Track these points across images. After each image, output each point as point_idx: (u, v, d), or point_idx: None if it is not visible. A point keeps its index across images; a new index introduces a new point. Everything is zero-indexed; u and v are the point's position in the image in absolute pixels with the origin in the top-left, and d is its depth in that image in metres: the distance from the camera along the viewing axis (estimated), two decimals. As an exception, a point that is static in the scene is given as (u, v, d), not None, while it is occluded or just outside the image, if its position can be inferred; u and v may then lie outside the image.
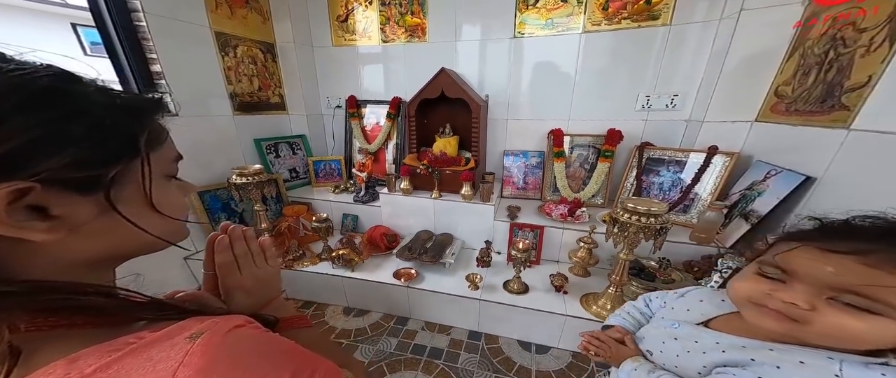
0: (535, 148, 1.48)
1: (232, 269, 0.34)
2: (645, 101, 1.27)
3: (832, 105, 0.77)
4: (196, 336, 0.18)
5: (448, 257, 1.19)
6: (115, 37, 0.95)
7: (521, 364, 1.01)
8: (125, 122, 0.21)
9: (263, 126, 1.49)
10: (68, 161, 0.18)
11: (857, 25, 0.73)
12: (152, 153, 0.23)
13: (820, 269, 0.29)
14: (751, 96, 1.02)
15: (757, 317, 0.32)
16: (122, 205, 0.21)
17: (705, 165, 1.11)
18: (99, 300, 0.20)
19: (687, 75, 1.19)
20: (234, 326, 0.21)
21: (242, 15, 1.31)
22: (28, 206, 0.17)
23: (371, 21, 1.48)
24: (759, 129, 1.03)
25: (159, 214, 0.24)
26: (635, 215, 0.75)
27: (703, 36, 1.13)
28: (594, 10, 1.21)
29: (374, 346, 1.09)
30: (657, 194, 1.23)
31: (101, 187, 0.20)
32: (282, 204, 1.50)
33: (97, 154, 0.19)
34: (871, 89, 0.68)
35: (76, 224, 0.19)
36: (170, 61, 1.07)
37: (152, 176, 0.23)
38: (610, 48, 1.24)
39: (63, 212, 0.19)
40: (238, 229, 0.36)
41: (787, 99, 0.91)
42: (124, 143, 0.21)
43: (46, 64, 0.19)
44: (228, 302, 0.35)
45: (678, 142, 1.27)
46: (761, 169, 0.98)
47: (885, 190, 0.63)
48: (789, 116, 0.91)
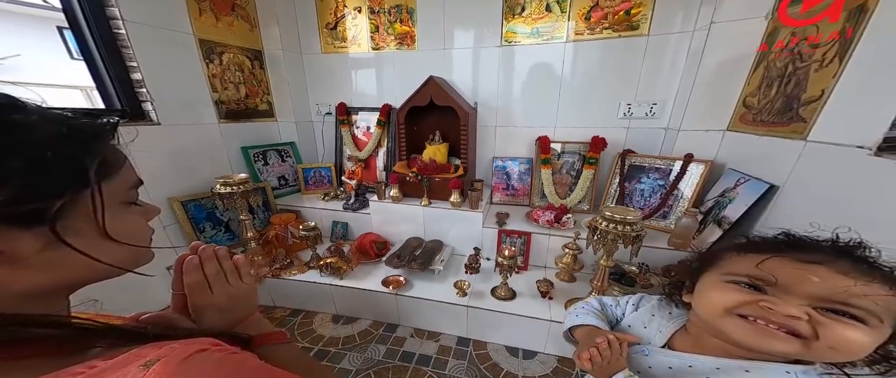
0: (524, 154, 1.51)
1: (202, 288, 0.34)
2: (626, 109, 1.31)
3: (791, 117, 0.82)
4: (151, 363, 0.17)
5: (437, 264, 1.21)
6: (92, 44, 0.93)
7: (508, 370, 1.02)
8: (71, 152, 0.20)
9: (251, 133, 1.48)
10: (5, 197, 0.17)
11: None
12: (105, 182, 0.22)
13: (807, 278, 0.28)
14: (722, 106, 1.07)
15: (758, 338, 0.30)
16: (73, 236, 0.20)
17: (682, 173, 1.16)
18: (47, 331, 0.19)
19: (665, 84, 1.24)
20: (195, 351, 0.20)
21: (228, 22, 1.30)
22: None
23: (361, 28, 1.49)
24: (730, 138, 1.08)
25: (116, 243, 0.23)
26: (613, 223, 0.78)
27: (678, 46, 1.18)
28: (577, 20, 1.25)
29: (362, 353, 1.09)
30: (639, 201, 1.28)
31: (45, 221, 0.19)
32: (270, 212, 1.48)
33: (39, 188, 0.18)
34: (824, 103, 0.73)
35: (18, 258, 0.19)
36: (151, 69, 1.05)
37: (106, 205, 0.22)
38: (593, 57, 1.28)
39: (5, 247, 0.18)
40: (209, 249, 0.35)
41: (754, 109, 0.96)
42: (70, 175, 0.20)
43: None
44: (199, 321, 0.34)
45: (658, 149, 1.32)
46: (732, 177, 1.03)
47: (840, 197, 0.67)
48: (755, 127, 0.96)
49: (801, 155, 0.78)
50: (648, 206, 1.23)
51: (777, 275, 0.30)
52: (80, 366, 0.18)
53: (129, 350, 0.19)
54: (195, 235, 1.23)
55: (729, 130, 1.07)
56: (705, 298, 0.35)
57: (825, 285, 0.27)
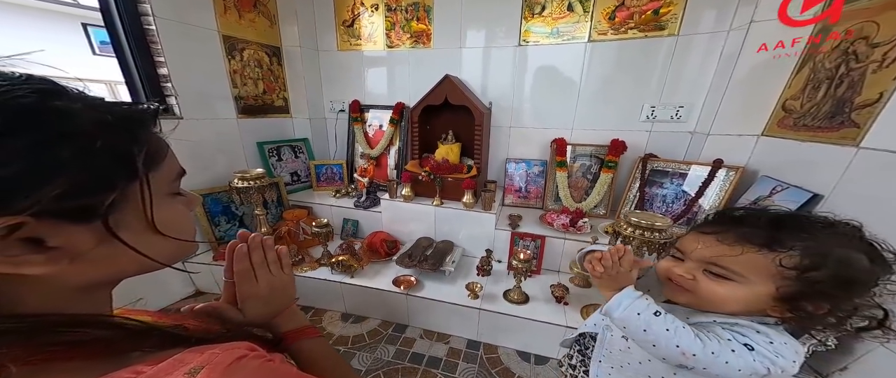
0: (538, 156, 1.47)
1: (249, 276, 0.35)
2: (649, 111, 1.26)
3: (841, 121, 0.76)
4: (195, 371, 0.17)
5: (448, 265, 1.19)
6: (123, 39, 0.96)
7: (519, 375, 1.00)
8: (119, 141, 0.19)
9: (267, 129, 1.50)
10: (59, 191, 0.16)
11: (870, 40, 0.72)
12: (152, 172, 0.21)
13: (693, 246, 0.39)
14: (758, 110, 1.01)
15: (671, 292, 0.41)
16: (124, 230, 0.20)
17: (710, 179, 1.10)
18: (98, 332, 0.19)
19: (693, 87, 1.18)
20: (235, 359, 0.19)
21: (250, 19, 1.32)
22: (22, 239, 0.16)
23: (376, 26, 1.48)
24: (765, 143, 1.01)
25: (163, 236, 0.22)
26: (639, 229, 0.74)
27: (711, 47, 1.12)
28: (600, 20, 1.21)
29: (371, 353, 1.08)
30: (660, 207, 1.22)
31: (97, 216, 0.18)
32: (282, 208, 1.50)
33: (90, 181, 0.18)
34: (883, 106, 0.67)
35: (77, 254, 0.18)
36: (176, 64, 1.08)
37: (154, 197, 0.21)
38: (615, 58, 1.24)
39: (61, 243, 0.17)
40: (257, 238, 0.36)
41: (795, 114, 0.90)
42: (119, 166, 0.19)
43: (26, 75, 0.17)
44: (244, 310, 0.35)
45: (683, 154, 1.26)
46: (767, 184, 0.96)
47: (895, 210, 0.62)
48: (797, 132, 0.89)
49: (851, 163, 0.73)
50: (671, 213, 1.18)
51: (681, 246, 0.40)
52: (125, 370, 0.17)
53: (171, 354, 0.19)
54: (211, 229, 1.25)
55: (764, 135, 1.01)
56: (656, 268, 0.44)
57: (707, 251, 0.37)
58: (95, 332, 0.19)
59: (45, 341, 0.17)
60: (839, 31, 0.79)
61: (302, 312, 0.39)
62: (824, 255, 0.32)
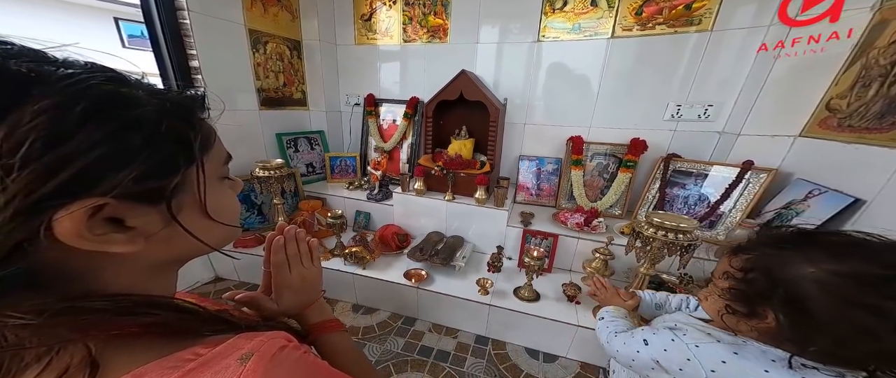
0: (552, 154, 1.44)
1: (283, 268, 0.36)
2: (675, 110, 1.21)
3: (893, 122, 0.71)
4: (246, 358, 0.18)
5: (458, 260, 1.19)
6: (160, 33, 1.01)
7: (527, 372, 0.99)
8: (178, 127, 0.20)
9: (285, 121, 1.54)
10: (135, 174, 0.17)
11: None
12: (205, 157, 0.22)
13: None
14: (797, 109, 0.95)
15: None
16: (181, 214, 0.21)
17: (738, 181, 1.05)
18: (168, 315, 0.20)
19: (724, 85, 1.12)
20: (278, 348, 0.20)
21: (274, 13, 1.35)
22: (106, 219, 0.17)
23: (394, 20, 1.49)
24: (803, 144, 0.95)
25: (212, 221, 0.23)
26: (661, 230, 0.71)
27: (747, 43, 1.05)
28: (626, 15, 1.16)
29: (381, 345, 1.10)
30: (681, 208, 1.17)
31: (163, 198, 0.19)
32: (298, 198, 1.54)
33: (159, 164, 0.18)
34: (942, 107, 0.62)
35: (149, 234, 0.19)
36: (206, 57, 1.12)
37: (206, 180, 0.22)
38: (639, 54, 1.19)
39: (137, 223, 0.19)
40: (292, 230, 0.37)
41: (841, 113, 0.84)
42: (180, 150, 0.20)
43: (91, 63, 0.18)
44: (278, 300, 0.36)
45: (708, 154, 1.20)
46: (802, 187, 0.91)
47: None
48: (841, 132, 0.84)
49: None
50: (693, 215, 1.13)
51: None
52: (187, 352, 0.19)
53: (224, 339, 0.20)
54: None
55: (802, 136, 0.95)
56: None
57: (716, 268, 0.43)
58: (166, 314, 0.20)
59: (126, 320, 0.18)
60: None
61: (328, 306, 0.41)
62: (766, 262, 0.34)
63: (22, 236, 0.15)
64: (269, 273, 0.37)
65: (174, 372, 0.17)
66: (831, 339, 0.30)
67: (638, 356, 0.44)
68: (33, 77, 0.15)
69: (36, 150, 0.14)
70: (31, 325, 0.16)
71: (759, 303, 0.34)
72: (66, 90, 0.15)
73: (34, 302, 0.16)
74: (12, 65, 0.15)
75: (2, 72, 0.15)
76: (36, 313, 0.16)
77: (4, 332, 0.16)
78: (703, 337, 0.39)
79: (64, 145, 0.15)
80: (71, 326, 0.17)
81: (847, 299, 0.29)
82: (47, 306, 0.16)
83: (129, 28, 3.36)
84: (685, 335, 0.40)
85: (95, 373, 0.16)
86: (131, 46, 3.41)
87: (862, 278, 0.29)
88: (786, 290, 0.32)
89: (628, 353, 0.46)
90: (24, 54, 0.16)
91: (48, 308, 0.16)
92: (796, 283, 0.32)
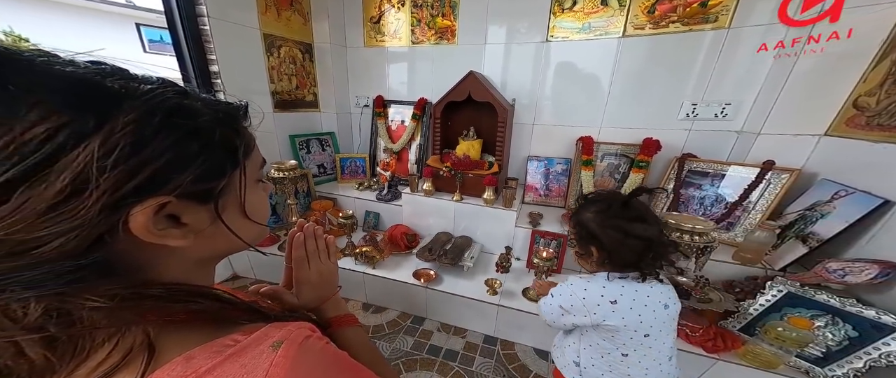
0: (561, 154, 1.43)
1: (303, 263, 0.38)
2: (690, 109, 1.17)
3: (927, 121, 0.67)
4: (277, 345, 0.20)
5: (467, 261, 1.19)
6: (182, 38, 1.05)
7: (536, 372, 0.99)
8: (228, 134, 0.22)
9: (298, 123, 1.58)
10: (193, 176, 0.19)
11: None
12: (247, 161, 0.24)
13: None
14: (821, 107, 0.91)
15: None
16: (224, 213, 0.23)
17: (758, 181, 1.01)
18: (211, 304, 0.22)
19: (742, 83, 1.09)
20: (304, 337, 0.22)
21: (287, 16, 1.39)
22: (166, 216, 0.20)
23: (402, 22, 1.51)
24: (828, 144, 0.92)
25: (249, 220, 0.25)
26: (676, 232, 0.70)
27: (766, 40, 1.01)
28: (638, 14, 1.14)
29: (390, 343, 1.11)
30: (696, 209, 1.14)
31: (212, 199, 0.22)
32: (310, 198, 1.57)
33: (211, 168, 0.21)
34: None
35: (198, 231, 0.22)
36: (225, 61, 1.16)
37: (247, 183, 0.24)
38: (652, 53, 1.16)
39: (190, 220, 0.21)
40: (311, 227, 0.39)
41: (869, 111, 0.80)
42: (229, 156, 0.22)
43: (162, 79, 0.20)
44: (298, 295, 0.38)
45: (726, 154, 1.17)
46: (827, 188, 0.87)
47: None
48: (869, 131, 0.80)
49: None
50: (709, 216, 1.10)
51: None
52: (227, 338, 0.20)
53: (258, 327, 0.22)
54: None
55: (828, 135, 0.91)
56: None
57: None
58: (209, 302, 0.22)
59: (177, 306, 0.20)
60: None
61: (344, 301, 0.42)
62: (577, 216, 0.58)
63: (105, 228, 0.17)
64: (290, 268, 0.39)
65: (218, 356, 0.18)
66: (614, 252, 0.52)
67: (552, 307, 0.59)
68: (124, 92, 0.18)
69: (124, 154, 0.16)
70: (104, 308, 0.17)
71: (584, 243, 0.55)
72: (148, 103, 0.18)
73: (107, 288, 0.18)
74: (108, 83, 0.17)
75: (101, 88, 0.17)
76: (108, 298, 0.17)
77: (82, 313, 0.17)
78: (574, 279, 0.58)
79: (144, 150, 0.17)
80: (135, 311, 0.19)
81: (602, 225, 0.53)
82: (117, 292, 0.18)
83: (149, 33, 3.51)
84: (568, 283, 0.59)
85: (153, 354, 0.18)
86: (152, 51, 3.57)
87: (602, 213, 0.54)
88: (587, 230, 0.54)
89: (547, 311, 0.61)
90: (115, 73, 0.18)
91: (118, 293, 0.18)
92: (587, 224, 0.54)
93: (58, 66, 0.17)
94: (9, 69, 0.15)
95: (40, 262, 0.16)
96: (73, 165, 0.15)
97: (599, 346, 0.55)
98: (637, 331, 0.52)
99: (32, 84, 0.15)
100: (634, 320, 0.52)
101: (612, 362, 0.55)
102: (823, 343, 0.73)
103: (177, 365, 0.18)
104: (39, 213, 0.15)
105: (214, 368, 0.18)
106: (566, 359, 0.61)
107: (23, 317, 0.16)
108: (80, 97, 0.16)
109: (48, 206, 0.15)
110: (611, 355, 0.54)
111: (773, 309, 0.79)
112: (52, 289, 0.16)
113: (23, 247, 0.15)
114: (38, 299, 0.16)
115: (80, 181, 0.15)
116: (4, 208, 0.14)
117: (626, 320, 0.51)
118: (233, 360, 0.18)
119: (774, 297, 0.77)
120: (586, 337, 0.57)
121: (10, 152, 0.14)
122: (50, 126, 0.15)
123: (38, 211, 0.15)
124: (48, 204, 0.15)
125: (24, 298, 0.16)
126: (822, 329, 0.73)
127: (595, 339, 0.55)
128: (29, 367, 0.17)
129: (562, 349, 0.63)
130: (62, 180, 0.15)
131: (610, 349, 0.54)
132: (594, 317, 0.53)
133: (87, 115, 0.16)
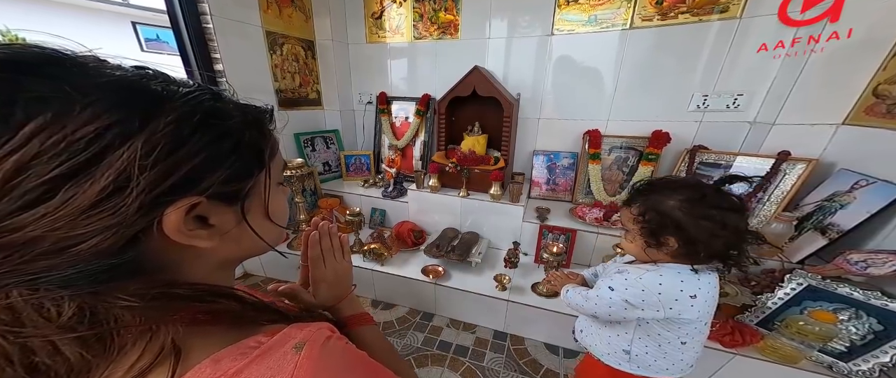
0: (567, 148, 1.41)
1: (319, 262, 0.38)
2: (700, 100, 1.15)
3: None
4: (299, 347, 0.20)
5: (475, 256, 1.19)
6: (186, 37, 1.05)
7: (548, 367, 0.99)
8: (256, 137, 0.22)
9: (302, 121, 1.57)
10: (223, 177, 0.20)
11: None
12: (271, 163, 0.24)
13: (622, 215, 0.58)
14: (839, 96, 0.89)
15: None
16: (248, 215, 0.23)
17: (773, 172, 0.99)
18: (234, 304, 0.22)
19: (755, 73, 1.06)
20: (325, 338, 0.22)
21: (288, 14, 1.38)
22: (195, 217, 0.20)
23: (404, 18, 1.49)
24: (847, 133, 0.89)
25: (270, 222, 0.25)
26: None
27: (781, 29, 0.99)
28: (646, 5, 1.11)
29: (401, 339, 1.12)
30: (709, 202, 1.12)
31: (238, 200, 0.22)
32: (317, 196, 1.57)
33: (239, 169, 0.21)
34: None
35: (224, 232, 0.22)
36: (229, 60, 1.16)
37: (270, 185, 0.24)
38: (660, 45, 1.14)
39: (217, 221, 0.21)
40: (325, 225, 0.39)
41: (890, 100, 0.78)
42: (256, 158, 0.22)
43: (197, 82, 0.21)
44: (315, 293, 0.38)
45: (738, 145, 1.14)
46: (847, 178, 0.85)
47: None
48: (891, 120, 0.78)
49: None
50: (721, 210, 1.08)
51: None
52: (251, 339, 0.20)
53: (280, 328, 0.21)
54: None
55: (846, 124, 0.89)
56: None
57: (622, 217, 0.57)
58: (231, 303, 0.22)
59: (201, 306, 0.20)
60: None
61: (359, 300, 0.42)
62: (650, 203, 0.50)
63: (140, 227, 0.17)
64: (306, 267, 0.39)
65: (243, 358, 0.18)
66: (703, 244, 0.47)
67: (612, 301, 0.55)
68: (165, 95, 0.18)
69: (164, 153, 0.17)
70: (134, 307, 0.17)
71: (661, 233, 0.49)
72: (186, 105, 0.18)
73: (137, 287, 0.18)
74: (152, 85, 0.18)
75: (147, 90, 0.18)
76: (139, 297, 0.18)
77: (113, 312, 0.17)
78: (639, 272, 0.53)
79: (181, 150, 0.17)
80: (163, 310, 0.19)
81: (692, 214, 0.47)
82: (146, 291, 0.18)
83: (145, 32, 3.50)
84: (629, 275, 0.54)
85: (179, 357, 0.18)
86: (149, 50, 3.56)
87: (693, 202, 0.47)
88: (671, 219, 0.48)
89: (604, 303, 0.56)
90: (157, 76, 0.19)
91: (147, 293, 0.18)
92: (671, 212, 0.48)
93: (108, 69, 0.17)
94: (66, 70, 0.16)
95: (76, 261, 0.16)
96: (117, 164, 0.15)
97: (660, 336, 0.53)
98: (706, 323, 0.52)
99: (86, 85, 0.16)
100: (707, 313, 0.50)
101: (668, 350, 0.53)
102: (847, 337, 0.71)
103: (205, 367, 0.17)
104: (82, 210, 0.15)
105: (241, 371, 0.17)
106: (612, 348, 0.58)
107: (57, 316, 0.16)
108: (127, 99, 0.16)
109: (91, 203, 0.15)
110: (670, 344, 0.53)
111: (793, 302, 0.77)
112: (87, 287, 0.16)
113: (61, 244, 0.15)
114: (72, 298, 0.16)
115: (122, 179, 0.15)
116: (50, 204, 0.14)
117: (700, 313, 0.49)
118: (259, 363, 0.18)
119: (794, 290, 0.76)
120: (644, 327, 0.54)
121: (61, 149, 0.14)
122: (99, 125, 0.15)
123: (81, 207, 0.15)
124: (91, 201, 0.15)
125: (59, 297, 0.16)
126: (845, 323, 0.71)
127: (656, 329, 0.53)
128: (67, 365, 0.17)
129: (601, 338, 0.60)
130: (106, 178, 0.15)
131: (670, 339, 0.52)
132: (669, 312, 0.49)
133: (133, 116, 0.16)
